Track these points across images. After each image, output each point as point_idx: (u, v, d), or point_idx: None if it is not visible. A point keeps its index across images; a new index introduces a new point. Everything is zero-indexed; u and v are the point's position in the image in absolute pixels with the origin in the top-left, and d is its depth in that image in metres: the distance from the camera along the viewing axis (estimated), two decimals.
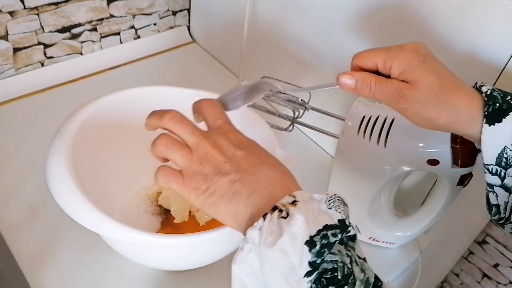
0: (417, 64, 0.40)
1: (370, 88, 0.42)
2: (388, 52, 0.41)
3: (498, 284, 0.91)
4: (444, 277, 0.99)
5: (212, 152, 0.38)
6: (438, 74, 0.40)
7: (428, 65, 0.40)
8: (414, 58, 0.40)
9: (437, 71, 0.41)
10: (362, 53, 0.43)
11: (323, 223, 0.32)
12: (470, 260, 0.93)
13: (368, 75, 0.42)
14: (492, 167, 0.41)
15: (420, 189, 0.66)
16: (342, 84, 0.42)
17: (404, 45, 0.41)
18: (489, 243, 0.89)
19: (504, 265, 0.89)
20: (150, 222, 0.62)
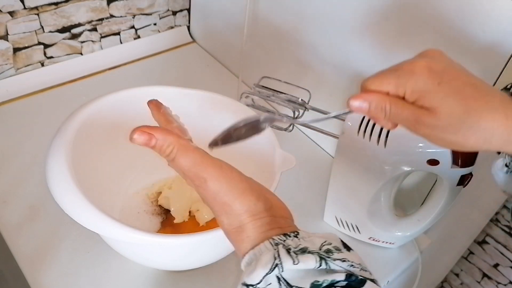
0: (433, 90, 0.35)
1: (386, 113, 0.37)
2: (398, 78, 0.36)
3: (498, 284, 0.91)
4: (444, 277, 0.99)
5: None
6: (460, 94, 0.35)
7: (446, 87, 0.35)
8: (428, 82, 0.35)
9: (459, 90, 0.35)
10: (369, 81, 0.38)
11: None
12: (470, 260, 0.93)
13: (383, 98, 0.37)
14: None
15: (420, 189, 0.66)
16: (354, 109, 0.38)
17: (414, 66, 0.36)
18: (489, 243, 0.89)
19: (504, 265, 0.89)
20: (150, 222, 0.62)
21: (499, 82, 0.53)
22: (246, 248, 0.36)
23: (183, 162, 0.37)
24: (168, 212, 0.62)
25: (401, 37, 0.61)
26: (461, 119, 0.35)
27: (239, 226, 0.36)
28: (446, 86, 0.35)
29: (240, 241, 0.36)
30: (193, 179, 0.37)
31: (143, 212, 0.63)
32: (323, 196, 0.66)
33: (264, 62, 0.85)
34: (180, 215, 0.61)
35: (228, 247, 0.54)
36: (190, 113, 0.64)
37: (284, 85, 0.69)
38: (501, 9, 0.50)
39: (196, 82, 0.91)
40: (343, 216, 0.65)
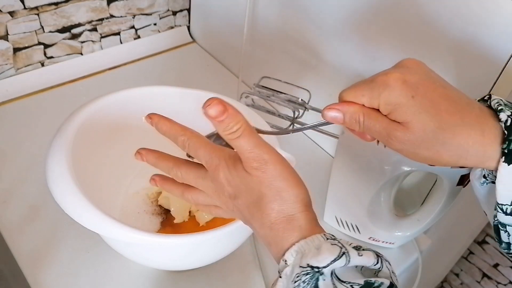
0: (406, 103, 0.34)
1: (359, 125, 0.37)
2: (372, 90, 0.35)
3: (498, 284, 0.91)
4: (444, 277, 0.99)
5: (221, 201, 0.40)
6: (435, 108, 0.34)
7: (420, 100, 0.34)
8: (402, 95, 0.34)
9: (433, 104, 0.34)
10: (345, 92, 0.37)
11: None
12: (470, 260, 0.93)
13: (357, 109, 0.36)
14: (507, 207, 0.35)
15: (420, 189, 0.66)
16: (329, 119, 0.37)
17: (389, 77, 0.35)
18: (489, 243, 0.89)
19: (504, 265, 0.89)
20: (150, 222, 0.62)
21: (496, 86, 0.53)
22: (296, 237, 0.35)
23: (247, 141, 0.36)
24: (168, 212, 0.62)
25: (401, 37, 0.61)
26: (434, 135, 0.34)
27: (292, 214, 0.36)
28: (420, 99, 0.34)
29: (290, 229, 0.35)
30: (254, 159, 0.36)
31: (143, 212, 0.63)
32: (323, 196, 0.66)
33: (264, 62, 0.85)
34: (180, 215, 0.61)
35: (228, 247, 0.54)
36: (190, 113, 0.64)
37: (284, 85, 0.69)
38: (500, 10, 0.50)
39: (196, 82, 0.91)
40: (343, 216, 0.66)
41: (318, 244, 0.34)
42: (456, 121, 0.34)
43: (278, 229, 0.36)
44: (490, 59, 0.53)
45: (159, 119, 0.42)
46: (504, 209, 0.36)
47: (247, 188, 0.37)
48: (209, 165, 0.38)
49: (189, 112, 0.64)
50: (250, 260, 0.63)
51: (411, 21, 0.59)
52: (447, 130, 0.34)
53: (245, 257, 0.63)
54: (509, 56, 0.51)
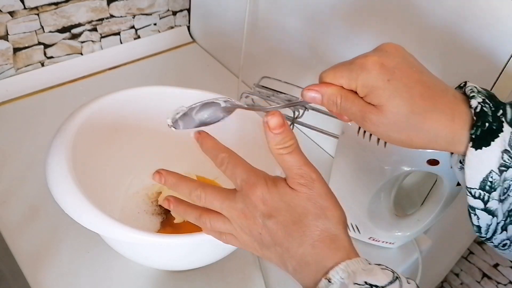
0: (381, 87, 0.35)
1: (337, 106, 0.38)
2: (350, 72, 0.36)
3: (498, 284, 0.91)
4: (444, 277, 0.99)
5: (247, 224, 0.39)
6: (409, 93, 0.35)
7: (394, 85, 0.35)
8: (378, 79, 0.35)
9: (408, 89, 0.35)
10: (325, 74, 0.38)
11: None
12: (470, 260, 0.93)
13: (335, 91, 0.37)
14: (475, 191, 0.36)
15: (420, 189, 0.66)
16: (308, 99, 0.39)
17: (367, 60, 0.35)
18: None
19: (504, 265, 0.89)
20: (150, 222, 0.62)
21: (496, 86, 0.53)
22: (341, 257, 0.35)
23: (297, 157, 0.37)
24: (168, 212, 0.62)
25: (403, 35, 0.61)
26: (406, 119, 0.35)
27: (335, 234, 0.36)
28: (395, 83, 0.35)
29: (334, 249, 0.36)
30: (302, 176, 0.37)
31: (143, 212, 0.63)
32: None
33: (264, 62, 0.85)
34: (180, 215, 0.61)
35: (228, 247, 0.54)
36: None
37: (284, 85, 0.69)
38: (501, 10, 0.50)
39: (196, 82, 0.91)
40: None
41: (365, 266, 0.34)
42: (428, 106, 0.35)
43: (321, 247, 0.36)
44: (490, 59, 0.53)
45: (206, 136, 0.44)
46: (472, 193, 0.36)
47: (288, 205, 0.37)
48: (245, 183, 0.39)
49: None
50: (250, 260, 0.63)
51: (410, 22, 0.59)
52: (419, 115, 0.35)
53: (245, 257, 0.63)
54: (509, 56, 0.51)
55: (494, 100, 0.36)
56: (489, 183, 0.35)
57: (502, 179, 0.35)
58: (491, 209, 0.37)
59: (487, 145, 0.35)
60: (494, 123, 0.35)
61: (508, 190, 0.36)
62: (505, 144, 0.35)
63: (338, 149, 0.60)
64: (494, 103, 0.36)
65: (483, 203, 0.37)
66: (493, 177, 0.35)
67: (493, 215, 0.37)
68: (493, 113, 0.35)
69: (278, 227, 0.37)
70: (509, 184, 0.36)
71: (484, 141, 0.35)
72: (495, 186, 0.36)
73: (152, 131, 0.65)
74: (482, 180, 0.35)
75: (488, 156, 0.35)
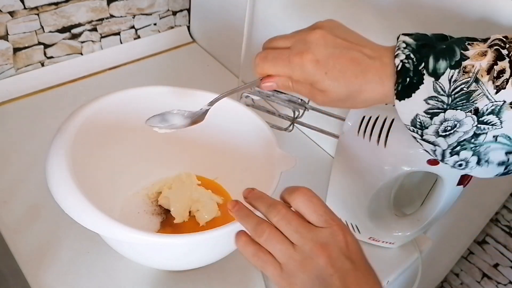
0: (320, 79, 0.42)
1: (290, 88, 0.45)
2: (290, 70, 0.43)
3: (498, 284, 0.91)
4: (444, 277, 0.99)
5: (318, 259, 0.37)
6: (344, 78, 0.41)
7: (331, 75, 0.41)
8: (317, 74, 0.42)
9: (342, 74, 0.41)
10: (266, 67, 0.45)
11: None
12: (470, 260, 0.93)
13: (286, 80, 0.44)
14: (409, 127, 0.41)
15: (420, 189, 0.66)
16: (266, 88, 0.46)
17: (303, 61, 0.42)
18: (489, 243, 0.89)
19: (504, 265, 0.89)
20: (150, 222, 0.62)
21: None
22: None
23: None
24: (168, 212, 0.62)
25: None
26: (345, 95, 0.42)
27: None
28: (331, 74, 0.41)
29: None
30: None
31: (143, 212, 0.63)
32: (323, 196, 0.66)
33: None
34: (180, 215, 0.61)
35: (228, 247, 0.54)
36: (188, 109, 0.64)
37: None
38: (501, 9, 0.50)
39: (196, 82, 0.91)
40: (343, 216, 0.65)
41: None
42: (361, 81, 0.41)
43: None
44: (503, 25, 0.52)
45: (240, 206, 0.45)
46: (409, 128, 0.42)
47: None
48: (331, 220, 0.40)
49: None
50: None
51: (412, 17, 0.59)
52: (355, 91, 0.42)
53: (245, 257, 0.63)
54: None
55: (419, 52, 0.39)
56: (419, 123, 0.40)
57: (439, 120, 0.39)
58: (429, 140, 0.41)
59: (408, 96, 0.40)
60: (415, 77, 0.39)
61: (452, 128, 0.39)
62: (429, 92, 0.39)
63: (338, 149, 0.60)
64: (418, 56, 0.39)
65: (419, 135, 0.42)
66: (421, 119, 0.40)
67: (433, 144, 0.41)
68: (415, 67, 0.39)
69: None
70: (454, 123, 0.39)
71: (405, 93, 0.40)
72: (426, 125, 0.40)
73: (152, 131, 0.65)
74: (411, 120, 0.41)
75: (411, 105, 0.40)
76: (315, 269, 0.37)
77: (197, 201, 0.62)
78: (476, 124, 0.38)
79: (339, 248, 0.38)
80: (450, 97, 0.38)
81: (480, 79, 0.37)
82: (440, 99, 0.39)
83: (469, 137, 0.39)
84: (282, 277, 0.38)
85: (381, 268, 0.65)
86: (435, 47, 0.39)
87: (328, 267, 0.37)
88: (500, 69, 0.37)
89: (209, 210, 0.62)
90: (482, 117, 0.38)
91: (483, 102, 0.37)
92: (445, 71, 0.38)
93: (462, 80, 0.38)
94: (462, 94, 0.38)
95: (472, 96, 0.38)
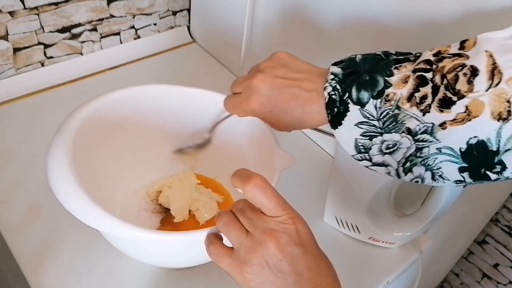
0: (268, 116, 0.48)
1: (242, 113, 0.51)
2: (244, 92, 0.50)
3: (498, 284, 0.92)
4: (444, 277, 0.99)
5: (267, 245, 0.39)
6: (286, 112, 0.47)
7: (274, 112, 0.47)
8: (263, 112, 0.48)
9: (283, 110, 0.47)
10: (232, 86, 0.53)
11: None
12: (470, 260, 0.94)
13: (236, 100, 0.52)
14: (357, 155, 0.44)
15: (420, 189, 0.66)
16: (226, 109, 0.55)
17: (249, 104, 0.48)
18: (489, 243, 0.89)
19: (504, 265, 0.89)
20: (150, 220, 0.62)
21: None
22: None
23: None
24: (168, 211, 0.62)
25: (399, 36, 0.61)
26: (291, 127, 0.48)
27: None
28: (274, 110, 0.47)
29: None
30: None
31: (143, 210, 0.63)
32: (323, 196, 0.66)
33: None
34: (180, 214, 0.61)
35: (228, 245, 0.54)
36: (190, 112, 0.65)
37: None
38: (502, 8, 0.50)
39: (196, 82, 0.91)
40: (343, 216, 0.66)
41: None
42: (301, 114, 0.46)
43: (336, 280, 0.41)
44: None
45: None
46: (357, 158, 0.44)
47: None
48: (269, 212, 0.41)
49: (189, 111, 0.64)
50: None
51: (410, 24, 0.59)
52: (299, 121, 0.47)
53: None
54: None
55: (345, 82, 0.43)
56: (361, 146, 0.43)
57: (380, 140, 0.41)
58: (378, 162, 0.43)
59: (339, 124, 0.43)
60: (341, 106, 0.42)
61: (394, 146, 0.41)
62: (358, 118, 0.42)
63: (338, 149, 0.60)
64: (344, 86, 0.42)
65: (369, 162, 0.44)
66: (361, 142, 0.43)
67: (385, 166, 0.43)
68: (340, 98, 0.43)
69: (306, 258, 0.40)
70: (393, 143, 0.41)
71: (336, 122, 0.43)
72: (368, 146, 0.42)
73: (152, 130, 0.65)
74: (354, 147, 0.43)
75: (346, 131, 0.43)
76: (264, 254, 0.39)
77: (197, 200, 0.62)
78: (414, 142, 0.40)
79: (288, 235, 0.39)
80: (380, 121, 0.41)
81: (402, 106, 0.39)
82: (372, 123, 0.41)
83: (413, 151, 0.40)
84: (233, 263, 0.40)
85: (381, 268, 0.65)
86: (361, 76, 0.42)
87: (277, 253, 0.38)
88: (422, 95, 0.39)
89: (209, 209, 0.62)
90: (417, 136, 0.39)
91: (412, 122, 0.39)
92: (369, 101, 0.41)
93: (385, 107, 0.40)
94: (390, 117, 0.40)
95: (398, 118, 0.40)
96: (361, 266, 0.65)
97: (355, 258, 0.66)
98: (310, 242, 0.40)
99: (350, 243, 0.67)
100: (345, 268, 0.63)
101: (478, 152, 0.37)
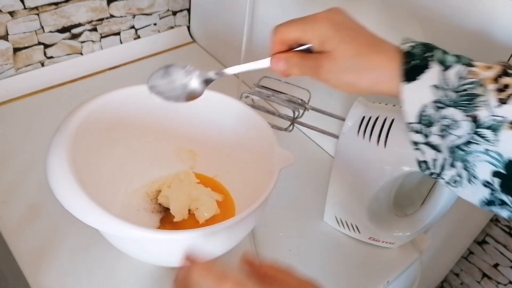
0: (332, 35, 0.41)
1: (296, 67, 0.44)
2: (303, 25, 0.42)
3: (498, 284, 0.92)
4: (444, 277, 0.99)
5: None
6: (355, 41, 0.41)
7: (343, 33, 0.41)
8: (329, 29, 0.41)
9: (354, 37, 0.41)
10: (280, 28, 0.44)
11: None
12: (470, 260, 0.94)
13: (291, 55, 0.44)
14: (414, 125, 0.40)
15: (420, 189, 0.67)
16: (274, 69, 0.45)
17: (317, 16, 0.42)
18: (489, 243, 0.89)
19: (504, 265, 0.89)
20: (149, 219, 0.62)
21: None
22: None
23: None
24: (168, 210, 0.62)
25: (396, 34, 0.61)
26: (353, 60, 0.41)
27: None
28: (343, 33, 0.41)
29: None
30: None
31: (142, 209, 0.63)
32: (323, 196, 0.66)
33: None
34: (180, 214, 0.62)
35: (227, 243, 0.54)
36: (190, 112, 0.65)
37: (284, 85, 0.69)
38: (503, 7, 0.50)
39: None
40: (343, 216, 0.66)
41: None
42: (371, 49, 0.41)
43: None
44: (494, 53, 0.52)
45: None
46: (413, 128, 0.40)
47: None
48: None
49: (189, 111, 0.64)
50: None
51: (416, 14, 0.59)
52: (364, 56, 0.41)
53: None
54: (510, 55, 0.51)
55: (427, 46, 0.39)
56: (425, 117, 0.39)
57: (441, 116, 0.38)
58: (433, 143, 0.40)
59: (412, 79, 0.38)
60: (422, 61, 0.38)
61: (448, 128, 0.38)
62: (437, 80, 0.38)
63: (338, 149, 0.60)
64: (426, 48, 0.39)
65: (423, 137, 0.40)
66: (428, 112, 0.38)
67: (437, 150, 0.40)
68: (422, 53, 0.39)
69: None
70: (449, 122, 0.38)
71: (410, 76, 0.38)
72: (433, 121, 0.39)
73: (151, 129, 0.65)
74: (418, 114, 0.39)
75: (416, 90, 0.38)
76: None
77: (196, 199, 0.62)
78: (472, 133, 0.37)
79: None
80: (458, 93, 0.37)
81: (486, 85, 0.37)
82: (447, 93, 0.38)
83: (463, 142, 0.38)
84: None
85: (381, 268, 0.65)
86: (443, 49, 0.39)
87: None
88: (506, 83, 0.36)
89: (208, 208, 0.62)
90: (479, 128, 0.37)
91: (484, 112, 0.37)
92: (453, 65, 0.38)
93: (468, 79, 0.37)
94: (467, 94, 0.37)
95: (475, 100, 0.37)
96: (361, 266, 0.65)
97: (355, 258, 0.66)
98: None
99: (350, 243, 0.67)
100: (345, 268, 0.64)
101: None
